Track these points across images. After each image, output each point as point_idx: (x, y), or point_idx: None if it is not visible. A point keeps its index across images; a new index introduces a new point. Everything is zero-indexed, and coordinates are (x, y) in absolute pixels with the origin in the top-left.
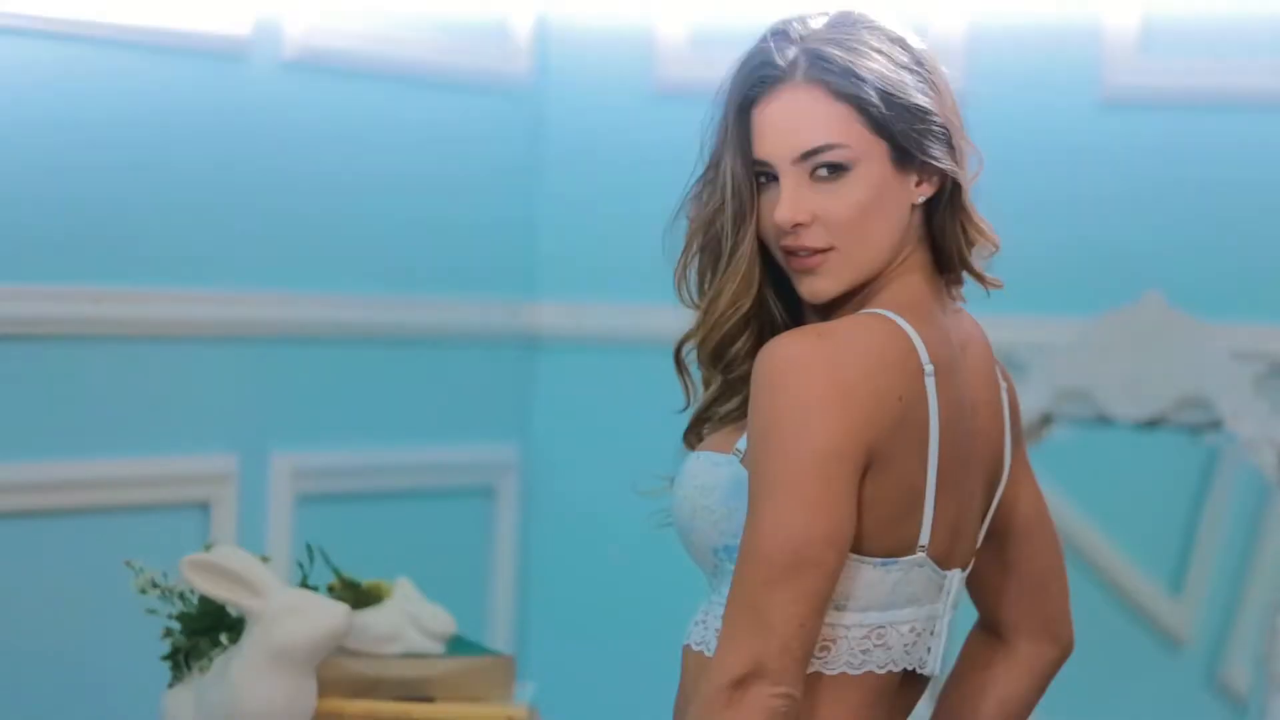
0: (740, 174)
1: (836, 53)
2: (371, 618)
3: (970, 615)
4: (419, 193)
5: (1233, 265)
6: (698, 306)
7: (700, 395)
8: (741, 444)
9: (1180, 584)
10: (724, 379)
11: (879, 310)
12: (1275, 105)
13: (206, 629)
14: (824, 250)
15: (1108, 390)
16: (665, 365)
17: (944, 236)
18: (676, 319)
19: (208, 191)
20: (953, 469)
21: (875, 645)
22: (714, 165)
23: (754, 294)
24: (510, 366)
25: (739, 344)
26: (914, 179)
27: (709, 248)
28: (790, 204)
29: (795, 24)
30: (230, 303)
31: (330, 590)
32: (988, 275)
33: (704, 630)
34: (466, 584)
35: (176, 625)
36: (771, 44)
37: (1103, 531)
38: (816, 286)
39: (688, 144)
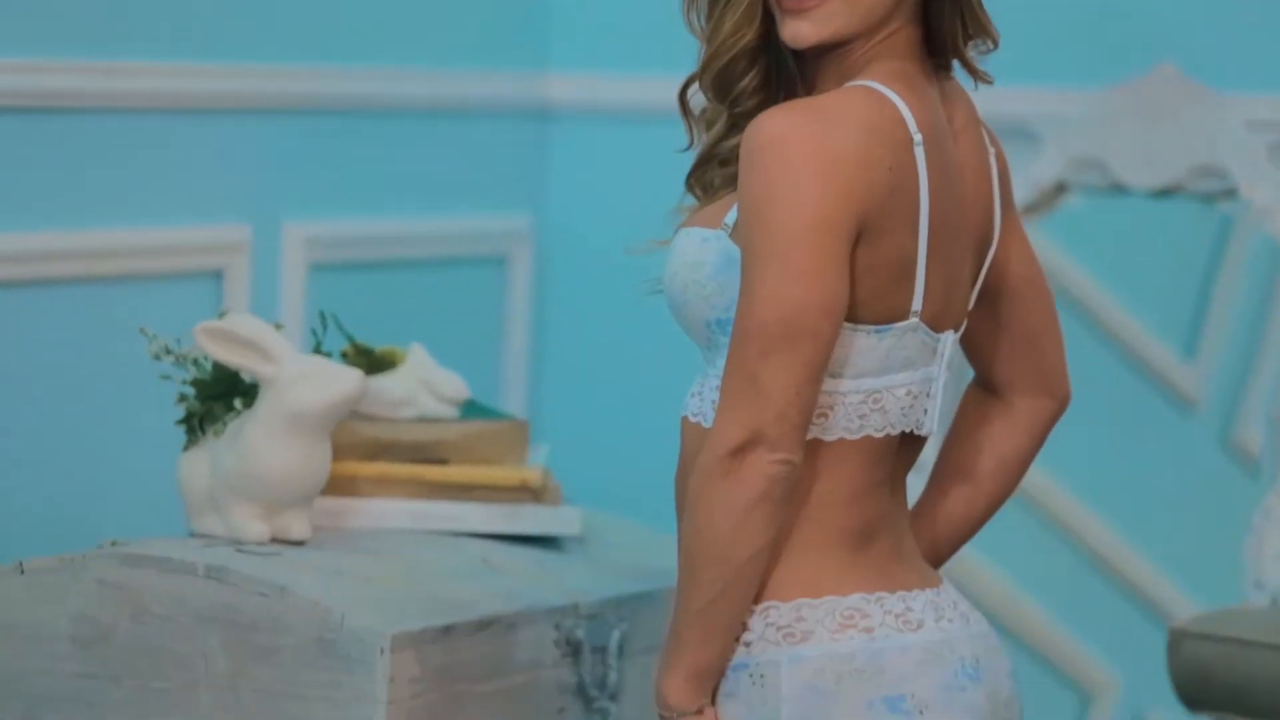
0: None
1: None
2: (385, 383)
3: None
4: None
5: (1248, 35)
6: (704, 34)
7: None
8: (730, 218)
9: (1194, 348)
10: (729, 114)
11: (866, 82)
12: None
13: (220, 394)
14: None
15: (1122, 159)
16: (678, 136)
17: (940, 19)
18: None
19: None
20: (943, 236)
21: (872, 410)
22: None
23: (756, 26)
24: (524, 137)
25: (745, 80)
26: None
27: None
28: None
29: None
30: (244, 75)
31: (344, 357)
32: (980, 69)
33: (700, 402)
34: (480, 351)
35: (191, 391)
36: None
37: (1117, 298)
38: (802, 30)
39: None
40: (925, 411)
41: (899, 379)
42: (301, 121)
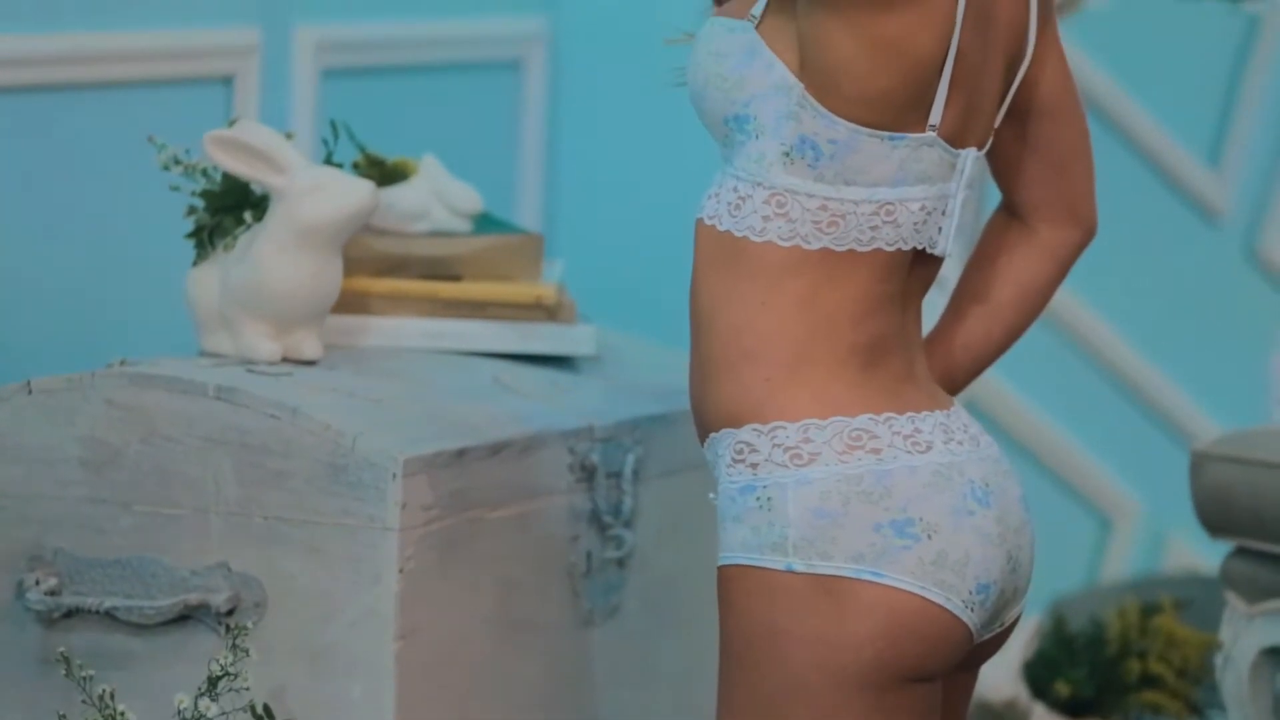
0: None
1: None
2: (397, 195)
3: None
4: None
5: None
6: None
7: None
8: (758, 9)
9: (1218, 155)
10: None
11: None
12: None
13: (230, 206)
14: None
15: None
16: None
17: None
18: None
19: None
20: (972, 48)
21: (884, 222)
22: None
23: None
24: None
25: None
26: None
27: None
28: None
29: None
30: None
31: (355, 167)
32: None
33: (716, 204)
34: (494, 161)
35: (200, 203)
36: None
37: (1139, 102)
38: None
39: None
40: (940, 230)
41: (913, 192)
42: None
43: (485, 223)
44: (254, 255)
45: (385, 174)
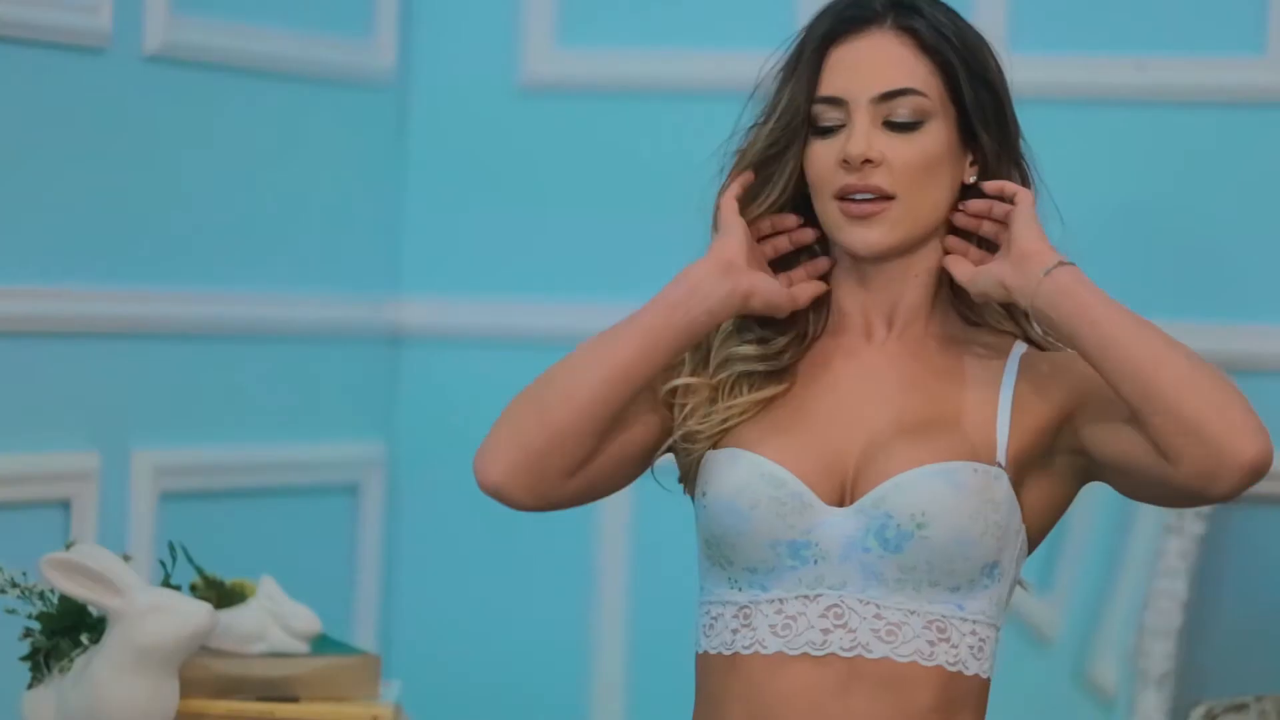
0: (801, 109)
1: (928, 9)
2: (235, 617)
3: None
4: (282, 188)
5: None
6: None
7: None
8: (1001, 455)
9: (1049, 583)
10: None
11: None
12: None
13: (67, 629)
14: (887, 198)
15: None
16: (531, 360)
17: None
18: (542, 315)
19: (63, 187)
20: None
21: None
22: (773, 104)
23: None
24: (375, 363)
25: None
26: (969, 158)
27: (755, 167)
28: (864, 139)
29: None
30: (90, 299)
31: (193, 589)
32: None
33: (955, 650)
34: (331, 582)
35: (36, 625)
36: None
37: None
38: (870, 237)
39: (553, 140)
40: None
41: None
42: (150, 346)
43: (323, 644)
44: (90, 677)
45: (223, 595)
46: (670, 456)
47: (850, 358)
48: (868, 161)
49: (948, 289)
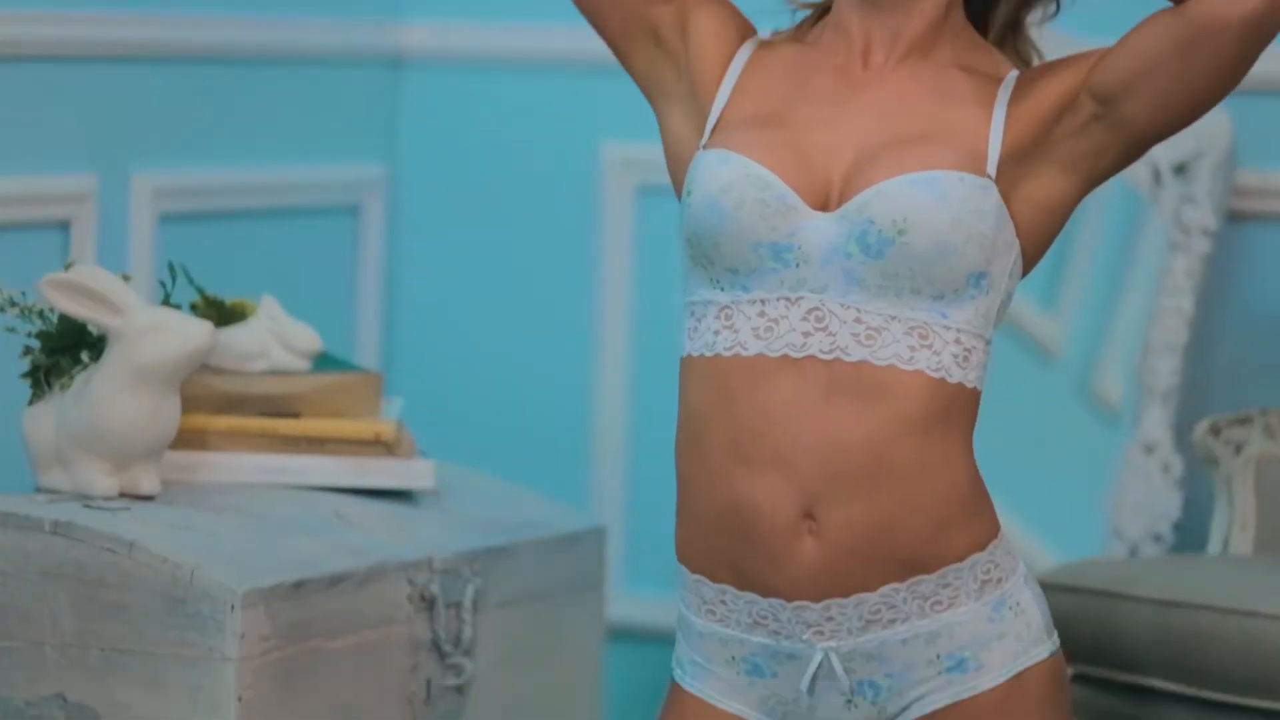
0: None
1: None
2: (235, 335)
3: None
4: None
5: None
6: None
7: None
8: (992, 167)
9: (1054, 299)
10: None
11: None
12: None
13: (67, 347)
14: None
15: None
16: (530, 84)
17: None
18: (541, 39)
19: None
20: None
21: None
22: None
23: None
24: (376, 86)
25: None
26: None
27: None
28: None
29: None
30: (91, 22)
31: (193, 309)
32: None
33: (936, 356)
34: (333, 302)
35: (36, 344)
36: None
37: None
38: None
39: None
40: None
41: None
42: (150, 70)
43: (324, 361)
44: (91, 394)
45: (223, 314)
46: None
47: (845, 77)
48: None
49: (955, 16)
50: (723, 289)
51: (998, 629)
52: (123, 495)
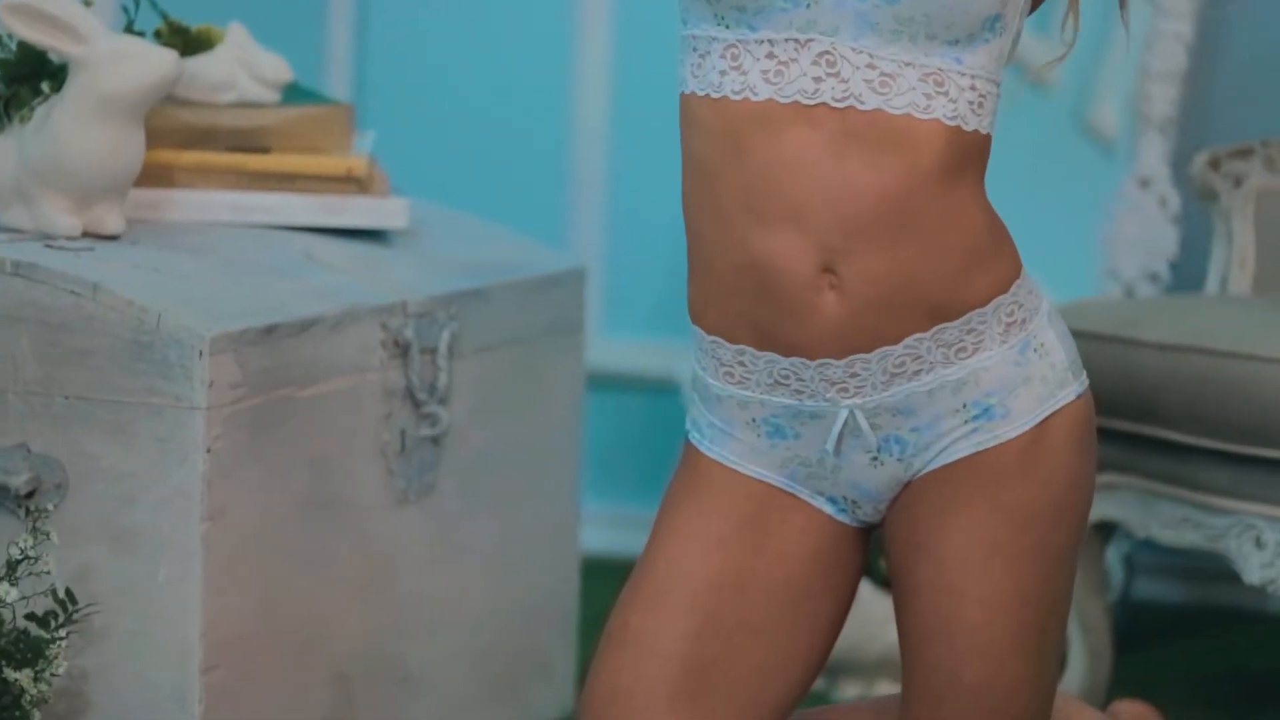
0: None
1: None
2: (202, 65)
3: None
4: None
5: None
6: None
7: None
8: None
9: (1047, 24)
10: None
11: None
12: None
13: (26, 76)
14: None
15: None
16: None
17: None
18: None
19: None
20: None
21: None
22: None
23: None
24: None
25: None
26: None
27: None
28: None
29: None
30: None
31: (158, 36)
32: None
33: (952, 104)
34: (303, 31)
35: None
36: None
37: None
38: None
39: None
40: None
41: None
42: None
43: (294, 93)
44: (52, 127)
45: (189, 43)
46: None
47: None
48: None
49: None
50: (728, 26)
51: (1024, 373)
52: (86, 235)
